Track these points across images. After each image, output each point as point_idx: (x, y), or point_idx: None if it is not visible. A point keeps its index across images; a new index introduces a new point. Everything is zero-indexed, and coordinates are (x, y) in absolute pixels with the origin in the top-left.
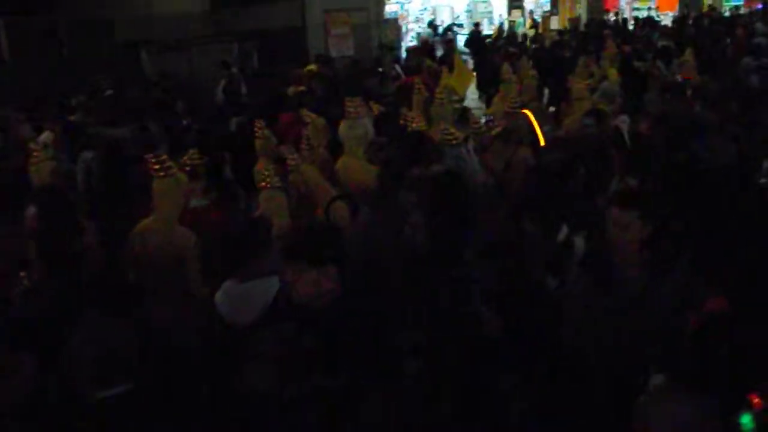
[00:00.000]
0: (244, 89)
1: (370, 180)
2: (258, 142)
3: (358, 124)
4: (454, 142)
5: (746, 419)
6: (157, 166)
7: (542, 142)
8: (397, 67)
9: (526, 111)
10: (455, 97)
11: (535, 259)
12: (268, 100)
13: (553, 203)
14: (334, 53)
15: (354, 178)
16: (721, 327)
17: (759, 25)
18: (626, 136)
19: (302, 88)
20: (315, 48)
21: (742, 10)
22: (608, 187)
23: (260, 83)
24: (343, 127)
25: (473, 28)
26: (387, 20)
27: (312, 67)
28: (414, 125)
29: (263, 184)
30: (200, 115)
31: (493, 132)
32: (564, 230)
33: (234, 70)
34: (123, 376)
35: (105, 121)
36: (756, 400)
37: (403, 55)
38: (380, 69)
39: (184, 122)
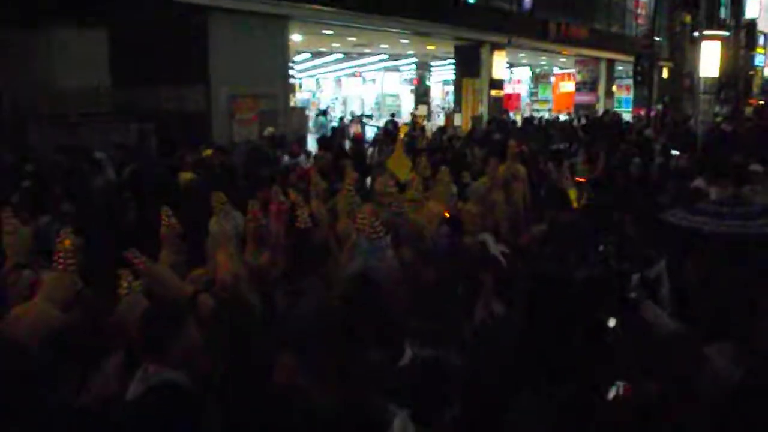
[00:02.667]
0: (111, 175)
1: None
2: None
3: (227, 219)
4: (374, 236)
5: None
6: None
7: None
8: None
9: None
10: (390, 183)
11: None
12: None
13: None
14: (237, 139)
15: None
16: None
17: (648, 132)
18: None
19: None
20: (219, 133)
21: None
22: None
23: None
24: (211, 223)
25: (390, 118)
26: (294, 108)
27: (208, 152)
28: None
29: None
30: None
31: None
32: None
33: (100, 155)
34: None
35: None
36: None
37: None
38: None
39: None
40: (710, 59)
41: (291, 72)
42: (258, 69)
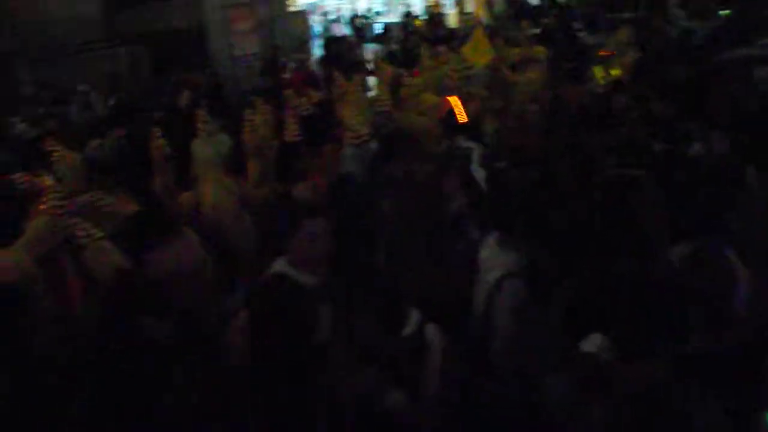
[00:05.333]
0: (100, 108)
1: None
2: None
3: (210, 141)
4: (356, 142)
5: None
6: None
7: None
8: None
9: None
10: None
11: None
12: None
13: None
14: (238, 53)
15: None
16: None
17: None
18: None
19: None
20: (216, 48)
21: None
22: None
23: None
24: (193, 146)
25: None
26: (294, 12)
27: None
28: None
29: None
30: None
31: None
32: None
33: (85, 88)
34: None
35: None
36: None
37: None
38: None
39: None
40: None
41: None
42: None
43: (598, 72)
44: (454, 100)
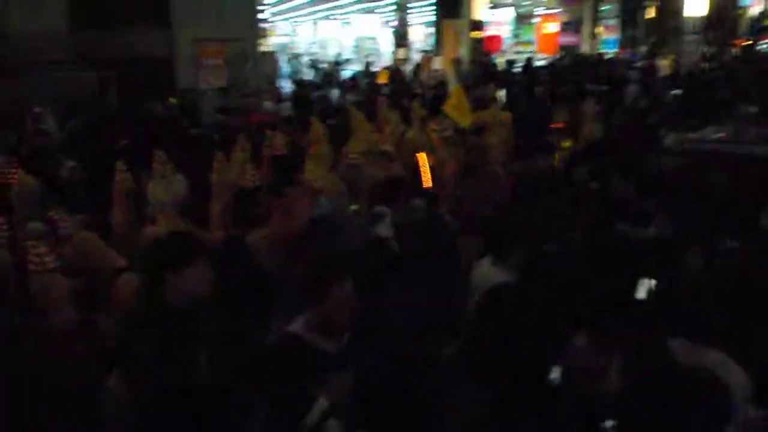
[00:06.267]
0: (51, 126)
1: None
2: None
3: (164, 182)
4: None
5: None
6: None
7: None
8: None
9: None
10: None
11: None
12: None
13: None
14: (204, 86)
15: None
16: None
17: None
18: None
19: None
20: (184, 80)
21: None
22: None
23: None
24: (149, 187)
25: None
26: (264, 52)
27: (174, 100)
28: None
29: None
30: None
31: None
32: None
33: (39, 109)
34: None
35: None
36: None
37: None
38: None
39: None
40: None
41: (262, 15)
42: (224, 11)
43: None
44: (423, 160)
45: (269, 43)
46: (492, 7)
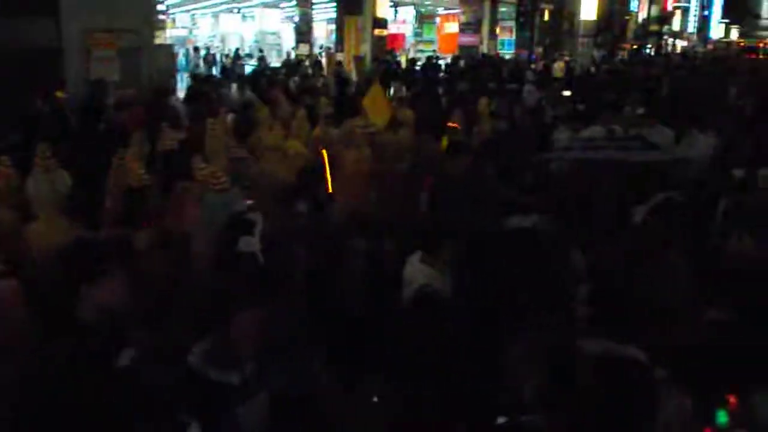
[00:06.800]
0: None
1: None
2: None
3: (45, 178)
4: (218, 187)
5: (722, 416)
6: None
7: None
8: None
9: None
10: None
11: None
12: None
13: None
14: (94, 78)
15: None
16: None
17: (528, 73)
18: None
19: None
20: (72, 73)
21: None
22: None
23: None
24: (27, 183)
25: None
26: (160, 45)
27: (60, 94)
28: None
29: None
30: None
31: None
32: None
33: None
34: None
35: None
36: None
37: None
38: None
39: None
40: (589, 1)
41: (160, 6)
42: (118, 1)
43: (444, 142)
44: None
45: (166, 36)
46: (393, 6)
